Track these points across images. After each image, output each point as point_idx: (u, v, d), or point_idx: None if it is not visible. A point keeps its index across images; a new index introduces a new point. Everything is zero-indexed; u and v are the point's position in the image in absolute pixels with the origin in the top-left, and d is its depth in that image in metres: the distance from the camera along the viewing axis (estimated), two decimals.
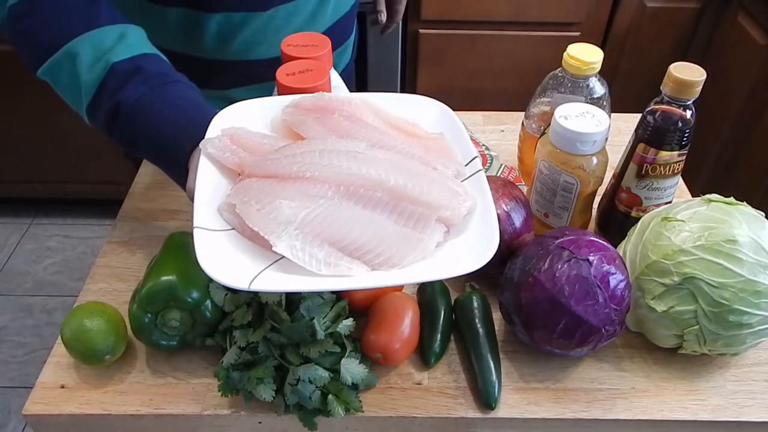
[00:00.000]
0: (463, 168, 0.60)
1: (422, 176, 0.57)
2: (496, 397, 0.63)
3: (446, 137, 0.63)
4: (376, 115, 0.64)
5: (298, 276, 0.51)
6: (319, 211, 0.54)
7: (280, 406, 0.61)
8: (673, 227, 0.64)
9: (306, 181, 0.56)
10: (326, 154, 0.57)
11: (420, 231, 0.54)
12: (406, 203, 0.55)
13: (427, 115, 0.66)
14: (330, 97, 0.64)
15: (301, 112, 0.63)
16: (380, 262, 0.52)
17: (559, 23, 1.67)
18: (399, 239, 0.53)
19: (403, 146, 0.60)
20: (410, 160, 0.58)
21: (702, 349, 0.64)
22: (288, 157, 0.58)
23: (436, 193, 0.55)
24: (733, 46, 1.59)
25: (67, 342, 0.63)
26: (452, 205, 0.55)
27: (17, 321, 1.83)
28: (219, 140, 0.59)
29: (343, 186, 0.56)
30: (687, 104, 0.67)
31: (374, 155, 0.57)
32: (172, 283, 0.62)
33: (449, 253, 0.54)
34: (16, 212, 2.14)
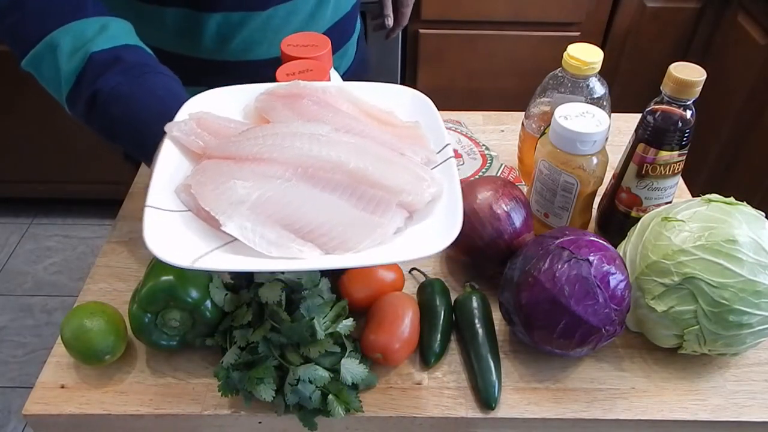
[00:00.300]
0: (435, 155, 0.59)
1: (385, 160, 0.56)
2: (496, 397, 0.63)
3: (421, 125, 0.62)
4: (351, 102, 0.63)
5: (247, 257, 0.50)
6: (274, 192, 0.53)
7: (280, 406, 0.61)
8: (673, 227, 0.64)
9: (264, 162, 0.55)
10: (288, 136, 0.56)
11: (379, 215, 0.52)
12: (366, 187, 0.54)
13: (403, 104, 0.65)
14: (305, 85, 0.63)
15: (273, 98, 0.62)
16: (334, 246, 0.51)
17: (559, 23, 1.67)
18: (356, 223, 0.52)
19: (372, 132, 0.59)
20: (376, 145, 0.57)
21: (702, 349, 0.64)
22: (249, 140, 0.57)
23: (398, 178, 0.54)
24: (733, 46, 1.59)
25: (67, 342, 0.63)
26: (415, 190, 0.54)
27: (17, 321, 1.84)
28: (185, 124, 0.59)
29: (302, 168, 0.54)
30: (687, 104, 0.67)
31: (338, 138, 0.57)
32: (172, 283, 0.62)
33: (409, 238, 0.52)
34: (16, 212, 2.14)
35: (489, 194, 0.71)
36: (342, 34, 0.97)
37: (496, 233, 0.70)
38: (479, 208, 0.70)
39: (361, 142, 0.57)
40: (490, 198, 0.71)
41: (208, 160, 0.57)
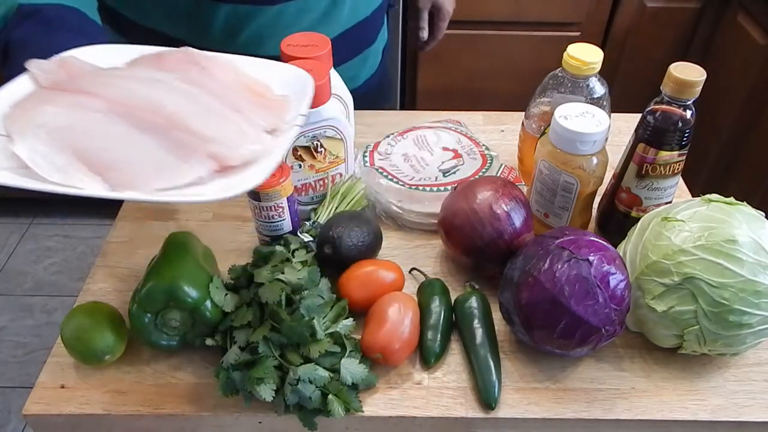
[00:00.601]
0: (284, 124, 0.58)
1: (211, 111, 0.55)
2: (496, 397, 0.63)
3: (289, 99, 0.61)
4: (231, 71, 0.63)
5: (31, 180, 0.49)
6: (81, 122, 0.52)
7: (280, 406, 0.61)
8: (673, 227, 0.64)
9: (84, 94, 0.55)
10: (119, 77, 0.57)
11: (182, 161, 0.52)
12: (180, 132, 0.53)
13: (286, 79, 0.64)
14: (190, 51, 0.63)
15: (153, 56, 0.62)
16: (121, 182, 0.50)
17: (559, 23, 1.67)
18: (151, 164, 0.51)
19: (223, 90, 0.59)
20: (211, 99, 0.57)
21: (702, 349, 0.64)
22: (89, 77, 0.57)
23: (214, 128, 0.54)
24: (733, 46, 1.59)
25: (67, 342, 0.63)
26: (229, 143, 0.53)
27: (17, 321, 1.84)
28: (47, 63, 0.58)
29: (122, 105, 0.54)
30: (687, 104, 0.67)
31: (175, 85, 0.56)
32: (172, 283, 0.62)
33: (207, 187, 0.52)
34: (16, 212, 2.14)
35: (489, 194, 0.71)
36: (360, 40, 0.96)
37: (496, 233, 0.70)
38: (479, 208, 0.70)
39: (195, 92, 0.56)
40: (490, 198, 0.71)
41: (46, 89, 0.56)
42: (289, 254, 0.69)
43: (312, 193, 0.79)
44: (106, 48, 0.63)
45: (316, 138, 0.73)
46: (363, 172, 0.84)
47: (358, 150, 0.88)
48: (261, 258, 0.69)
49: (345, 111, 0.81)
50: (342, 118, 0.74)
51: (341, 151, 0.76)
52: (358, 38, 0.96)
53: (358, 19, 0.93)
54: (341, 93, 0.81)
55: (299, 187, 0.77)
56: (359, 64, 0.99)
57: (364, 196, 0.81)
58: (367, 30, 0.97)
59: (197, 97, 0.56)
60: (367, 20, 0.95)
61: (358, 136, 0.92)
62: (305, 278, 0.65)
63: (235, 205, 0.85)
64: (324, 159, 0.76)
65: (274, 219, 0.72)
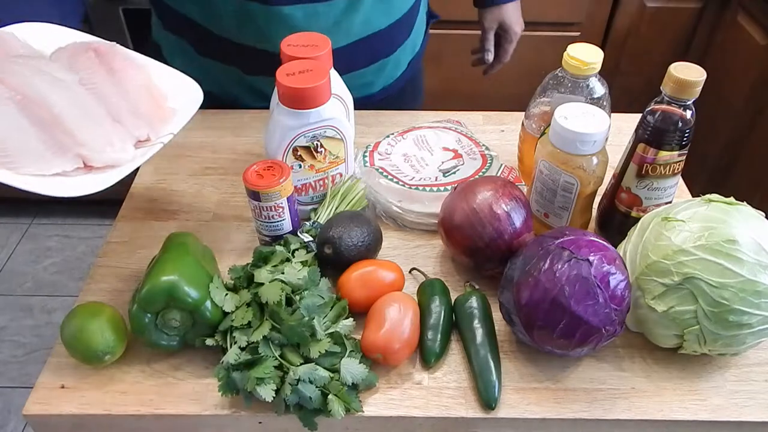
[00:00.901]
0: (155, 138, 0.70)
1: (91, 118, 0.66)
2: (496, 397, 0.63)
3: (175, 113, 0.73)
4: (139, 74, 0.73)
5: None
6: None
7: (280, 406, 0.61)
8: (673, 227, 0.64)
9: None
10: (30, 68, 0.66)
11: (54, 154, 0.63)
12: (59, 131, 0.64)
13: (184, 93, 0.75)
14: (115, 48, 0.73)
15: (76, 46, 0.72)
16: (5, 163, 0.62)
17: (559, 23, 1.67)
18: (29, 152, 0.63)
19: (114, 96, 0.69)
20: (99, 106, 0.68)
21: (702, 349, 0.64)
22: (7, 63, 0.66)
23: (87, 135, 0.65)
24: (733, 46, 1.60)
25: (67, 342, 0.63)
26: (95, 149, 0.64)
27: (17, 321, 1.84)
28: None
29: (20, 95, 0.64)
30: (687, 104, 0.67)
31: (71, 88, 0.66)
32: (172, 283, 0.62)
33: (67, 181, 0.64)
34: (16, 212, 2.14)
35: (489, 194, 0.71)
36: (375, 50, 0.96)
37: (496, 233, 0.70)
38: (479, 208, 0.70)
39: (85, 96, 0.67)
40: (490, 198, 0.71)
41: None
42: (289, 254, 0.69)
43: (312, 193, 0.79)
44: (45, 27, 0.72)
45: (316, 138, 0.73)
46: (363, 172, 0.84)
47: (358, 150, 0.88)
48: (261, 258, 0.69)
49: (345, 111, 0.81)
50: (342, 118, 0.74)
51: (341, 151, 0.76)
52: (373, 49, 0.95)
53: (372, 31, 0.93)
54: (341, 93, 0.81)
55: (299, 187, 0.77)
56: (375, 72, 0.99)
57: (364, 196, 0.81)
58: (384, 41, 0.96)
59: (85, 104, 0.66)
60: (383, 33, 0.94)
61: (358, 136, 0.92)
62: (305, 278, 0.65)
63: (235, 205, 0.85)
64: (324, 159, 0.76)
65: (274, 219, 0.72)
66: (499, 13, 1.12)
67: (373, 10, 0.90)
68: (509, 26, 1.13)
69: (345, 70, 0.92)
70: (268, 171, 0.70)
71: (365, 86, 1.01)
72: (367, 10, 0.89)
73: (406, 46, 1.02)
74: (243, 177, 0.70)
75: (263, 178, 0.69)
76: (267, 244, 0.74)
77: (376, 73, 1.00)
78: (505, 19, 1.12)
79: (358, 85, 0.99)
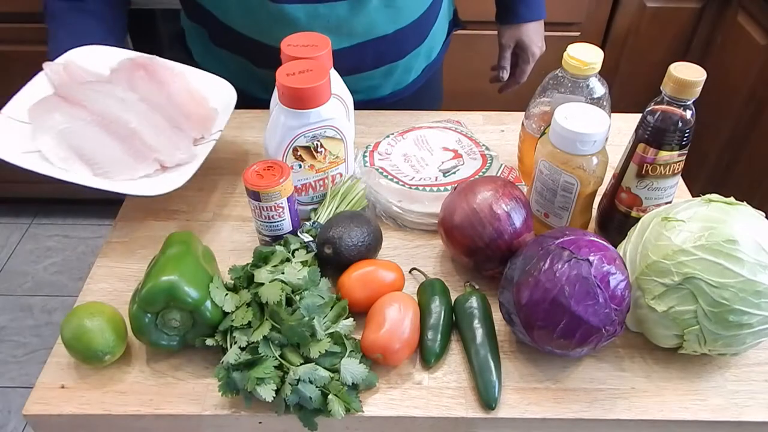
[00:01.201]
0: (210, 134, 0.84)
1: (157, 128, 0.80)
2: (496, 397, 0.63)
3: (217, 112, 0.85)
4: (181, 81, 0.86)
5: (43, 162, 0.74)
6: (76, 128, 0.77)
7: (280, 406, 0.61)
8: (673, 227, 0.64)
9: (80, 107, 0.79)
10: (103, 94, 0.80)
11: (137, 162, 0.77)
12: (137, 142, 0.78)
13: (220, 93, 0.87)
14: (156, 61, 0.86)
15: (127, 64, 0.85)
16: (100, 173, 0.76)
17: (559, 23, 1.67)
18: (118, 162, 0.77)
19: (169, 106, 0.83)
20: (160, 117, 0.81)
21: (702, 349, 0.64)
22: (82, 90, 0.80)
23: (159, 142, 0.78)
24: (733, 46, 1.60)
25: (67, 342, 0.63)
26: (167, 153, 0.78)
27: (17, 321, 1.84)
28: (56, 65, 0.82)
29: (102, 117, 0.78)
30: (687, 104, 0.67)
31: (137, 106, 0.80)
32: (172, 283, 0.62)
33: (151, 182, 0.76)
34: (16, 212, 2.14)
35: (489, 194, 0.71)
36: (384, 53, 0.96)
37: (496, 233, 0.70)
38: (479, 208, 0.70)
39: (150, 112, 0.81)
40: (490, 198, 0.71)
41: (55, 95, 0.81)
42: (289, 254, 0.69)
43: (312, 193, 0.79)
44: (95, 50, 0.86)
45: (316, 138, 0.73)
46: (363, 172, 0.84)
47: (358, 150, 0.88)
48: (261, 258, 0.69)
49: (345, 111, 0.81)
50: (342, 118, 0.74)
51: (341, 151, 0.76)
52: (378, 52, 0.95)
53: (377, 35, 0.92)
54: (341, 93, 0.81)
55: (299, 187, 0.77)
56: (382, 76, 0.99)
57: (364, 196, 0.81)
58: (391, 46, 0.95)
59: (149, 117, 0.80)
60: (389, 38, 0.94)
61: (358, 136, 0.92)
62: (305, 278, 0.65)
63: (235, 205, 0.85)
64: (324, 159, 0.76)
65: (274, 219, 0.72)
66: (518, 32, 1.10)
67: (378, 14, 0.90)
68: (527, 46, 1.11)
69: (349, 71, 0.91)
70: (268, 171, 0.70)
71: (372, 89, 1.01)
72: (371, 13, 0.89)
73: (418, 52, 1.01)
74: (243, 177, 0.70)
75: (263, 178, 0.69)
76: (267, 244, 0.74)
77: (384, 77, 0.99)
78: (524, 38, 1.10)
79: (364, 87, 0.99)
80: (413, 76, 1.04)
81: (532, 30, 1.10)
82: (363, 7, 0.88)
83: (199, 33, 0.99)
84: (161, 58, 0.88)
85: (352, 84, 0.86)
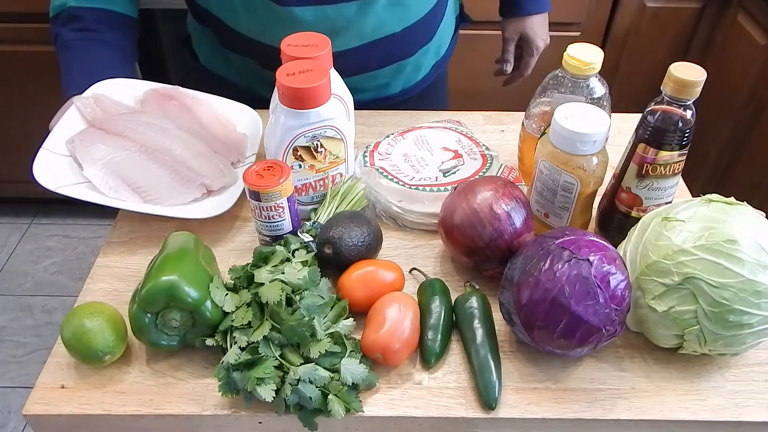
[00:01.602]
0: (244, 158, 0.88)
1: (200, 154, 0.83)
2: (496, 397, 0.63)
3: (247, 137, 0.89)
4: (207, 109, 0.90)
5: (94, 193, 0.77)
6: (122, 158, 0.80)
7: (280, 406, 0.61)
8: (673, 227, 0.64)
9: (122, 138, 0.82)
10: (143, 124, 0.83)
11: (185, 187, 0.80)
12: (183, 168, 0.81)
13: (245, 118, 0.92)
14: (180, 91, 0.90)
15: (152, 95, 0.89)
16: (151, 200, 0.79)
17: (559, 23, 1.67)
18: (167, 188, 0.79)
19: (204, 132, 0.87)
20: (199, 143, 0.85)
21: (702, 349, 0.64)
22: (120, 121, 0.83)
23: (203, 166, 0.82)
24: (733, 46, 1.60)
25: (67, 342, 0.63)
26: (212, 176, 0.81)
27: (17, 321, 1.83)
28: (87, 98, 0.84)
29: (145, 146, 0.82)
30: (687, 104, 0.67)
31: (177, 133, 0.84)
32: (172, 283, 0.62)
33: (201, 205, 0.80)
34: (16, 212, 2.14)
35: (489, 194, 0.71)
36: (389, 52, 0.96)
37: (496, 233, 0.70)
38: (479, 208, 0.70)
39: (190, 138, 0.84)
40: (490, 198, 0.71)
41: (92, 127, 0.83)
42: (290, 254, 0.69)
43: (312, 193, 0.79)
44: (118, 82, 0.89)
45: (316, 138, 0.73)
46: (363, 172, 0.84)
47: (358, 150, 0.88)
48: (261, 258, 0.69)
49: (345, 111, 0.81)
50: (342, 118, 0.74)
51: (341, 151, 0.76)
52: (387, 51, 0.95)
53: (385, 34, 0.92)
54: (341, 93, 0.81)
55: (299, 187, 0.77)
56: (392, 74, 0.99)
57: (364, 196, 0.81)
58: (399, 44, 0.95)
59: (189, 143, 0.84)
60: (398, 36, 0.93)
61: (358, 136, 0.92)
62: (305, 278, 0.65)
63: (234, 205, 0.85)
64: (324, 159, 0.76)
65: (274, 219, 0.72)
66: (522, 25, 1.09)
67: (386, 13, 0.90)
68: (531, 39, 1.09)
69: (358, 70, 0.91)
70: (268, 171, 0.70)
71: (382, 87, 1.00)
72: (379, 13, 0.89)
73: (428, 49, 1.00)
74: (243, 177, 0.70)
75: (263, 178, 0.69)
76: (267, 244, 0.74)
77: (394, 75, 0.99)
78: (528, 31, 1.09)
79: (374, 86, 0.98)
80: (423, 74, 1.04)
81: (536, 23, 1.09)
82: (371, 7, 0.88)
83: (206, 35, 1.00)
84: (183, 88, 0.91)
85: (361, 83, 0.85)
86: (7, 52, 1.68)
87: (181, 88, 0.91)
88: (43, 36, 1.67)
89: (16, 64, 1.70)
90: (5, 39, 1.65)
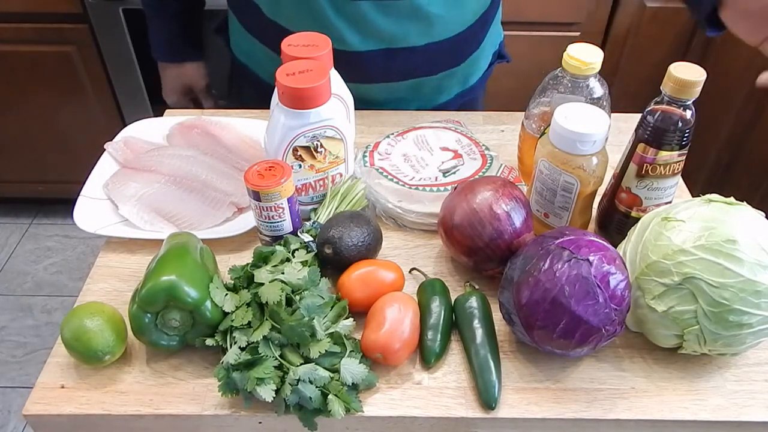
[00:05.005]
0: None
1: (226, 174, 0.86)
2: (496, 397, 0.63)
3: None
4: (231, 132, 0.93)
5: (131, 229, 0.80)
6: (153, 191, 0.83)
7: (280, 406, 0.61)
8: (673, 227, 0.64)
9: (152, 172, 0.86)
10: (169, 156, 0.87)
11: (215, 209, 0.82)
12: (211, 190, 0.84)
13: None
14: (202, 119, 0.95)
15: (177, 128, 0.94)
16: (185, 226, 0.81)
17: (559, 23, 1.67)
18: (199, 213, 0.81)
19: (228, 154, 0.90)
20: (224, 165, 0.88)
21: (702, 349, 0.64)
22: (148, 157, 0.88)
23: (231, 186, 0.84)
24: (733, 46, 1.60)
25: (67, 342, 0.63)
26: (240, 194, 0.83)
27: (17, 321, 1.84)
28: (117, 144, 0.90)
29: (173, 177, 0.85)
30: (687, 104, 0.67)
31: (201, 159, 0.87)
32: (172, 283, 0.62)
33: (234, 224, 0.81)
34: (16, 212, 2.14)
35: (489, 194, 0.71)
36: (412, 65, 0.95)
37: (496, 233, 0.70)
38: (479, 208, 0.70)
39: (214, 162, 0.88)
40: (490, 198, 0.71)
41: (124, 168, 0.88)
42: (289, 254, 0.69)
43: (312, 193, 0.79)
44: (148, 122, 0.96)
45: (316, 138, 0.73)
46: (363, 172, 0.84)
47: (358, 150, 0.88)
48: (261, 258, 0.69)
49: (345, 111, 0.81)
50: (342, 118, 0.74)
51: (341, 151, 0.76)
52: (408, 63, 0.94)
53: (406, 45, 0.91)
54: (341, 93, 0.81)
55: (299, 187, 0.77)
56: (409, 89, 0.98)
57: (364, 196, 0.81)
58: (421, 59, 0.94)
59: (215, 166, 0.87)
60: (419, 50, 0.92)
61: (358, 136, 0.92)
62: (305, 278, 0.65)
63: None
64: (324, 159, 0.76)
65: (274, 219, 0.72)
66: None
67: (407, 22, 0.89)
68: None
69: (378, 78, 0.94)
70: (269, 171, 0.70)
71: (399, 101, 1.00)
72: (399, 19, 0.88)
73: (452, 74, 1.00)
74: (244, 177, 0.70)
75: (264, 178, 0.69)
76: (267, 244, 0.74)
77: (412, 91, 0.99)
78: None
79: (392, 98, 0.99)
80: (444, 98, 1.04)
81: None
82: (389, 10, 0.87)
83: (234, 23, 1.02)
84: (206, 116, 0.96)
85: (381, 93, 0.85)
86: (7, 52, 1.68)
87: (203, 116, 0.96)
88: (43, 36, 1.68)
89: (16, 64, 1.70)
90: (5, 39, 1.65)
